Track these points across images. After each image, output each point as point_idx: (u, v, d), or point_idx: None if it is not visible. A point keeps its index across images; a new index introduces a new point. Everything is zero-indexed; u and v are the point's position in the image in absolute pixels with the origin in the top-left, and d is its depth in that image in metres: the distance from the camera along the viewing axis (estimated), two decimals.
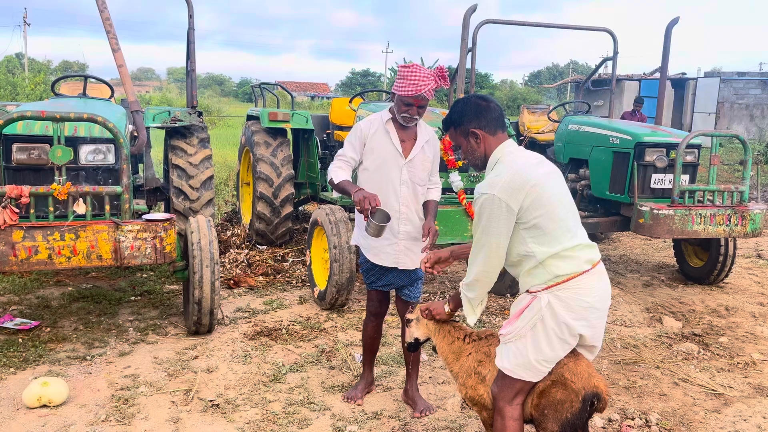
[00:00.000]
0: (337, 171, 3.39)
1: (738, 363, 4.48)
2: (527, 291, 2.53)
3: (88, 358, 4.20)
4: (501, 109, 2.68)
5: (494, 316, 5.29)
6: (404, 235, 3.43)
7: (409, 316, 3.02)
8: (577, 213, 2.62)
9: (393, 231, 3.36)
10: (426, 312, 2.93)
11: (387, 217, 3.20)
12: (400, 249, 3.43)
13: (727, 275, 6.41)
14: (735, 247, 6.28)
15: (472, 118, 2.61)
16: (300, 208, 8.80)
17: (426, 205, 3.52)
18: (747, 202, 5.85)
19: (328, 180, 3.41)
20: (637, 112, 12.02)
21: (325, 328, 4.90)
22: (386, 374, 4.11)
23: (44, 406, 3.51)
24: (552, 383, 2.50)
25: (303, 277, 6.20)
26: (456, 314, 2.89)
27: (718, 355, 4.63)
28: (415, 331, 2.99)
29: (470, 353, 2.79)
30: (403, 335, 3.58)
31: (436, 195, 3.58)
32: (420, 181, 3.47)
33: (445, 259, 2.98)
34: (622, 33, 7.75)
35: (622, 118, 11.57)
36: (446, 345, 2.87)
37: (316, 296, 5.43)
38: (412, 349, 3.10)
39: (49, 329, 4.68)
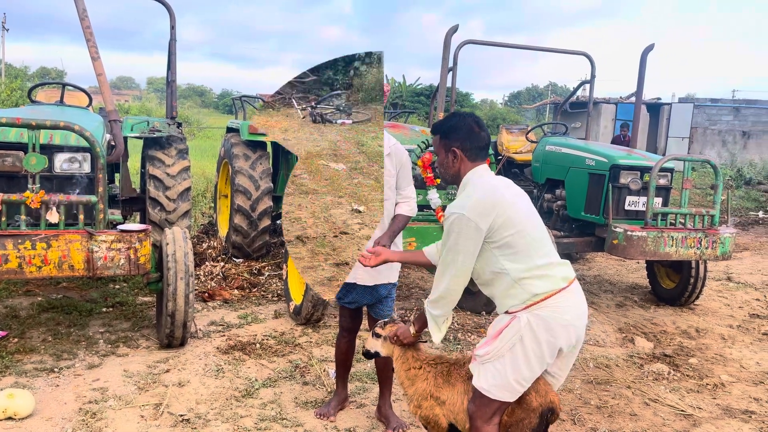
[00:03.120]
0: None
1: (707, 384, 4.55)
2: (506, 312, 2.56)
3: (56, 370, 4.11)
4: (489, 139, 2.72)
5: (470, 334, 5.30)
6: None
7: (378, 331, 3.03)
8: (548, 232, 2.67)
9: None
10: (394, 338, 2.95)
11: None
12: (357, 264, 3.39)
13: (697, 297, 6.52)
14: (706, 270, 6.40)
15: (459, 137, 2.65)
16: (278, 222, 8.76)
17: (392, 219, 3.46)
18: (717, 226, 5.98)
19: None
20: (625, 136, 12.82)
21: (299, 344, 4.87)
22: (360, 391, 4.09)
23: (9, 418, 3.43)
24: (517, 401, 2.55)
25: (279, 292, 6.17)
26: (422, 334, 2.92)
27: (687, 376, 4.70)
28: (380, 348, 3.03)
29: (426, 378, 2.84)
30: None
31: (405, 209, 3.47)
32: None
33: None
34: (599, 57, 7.93)
35: (613, 142, 12.57)
36: (403, 371, 2.93)
37: (291, 311, 5.39)
38: (368, 357, 3.13)
39: (16, 340, 4.58)
